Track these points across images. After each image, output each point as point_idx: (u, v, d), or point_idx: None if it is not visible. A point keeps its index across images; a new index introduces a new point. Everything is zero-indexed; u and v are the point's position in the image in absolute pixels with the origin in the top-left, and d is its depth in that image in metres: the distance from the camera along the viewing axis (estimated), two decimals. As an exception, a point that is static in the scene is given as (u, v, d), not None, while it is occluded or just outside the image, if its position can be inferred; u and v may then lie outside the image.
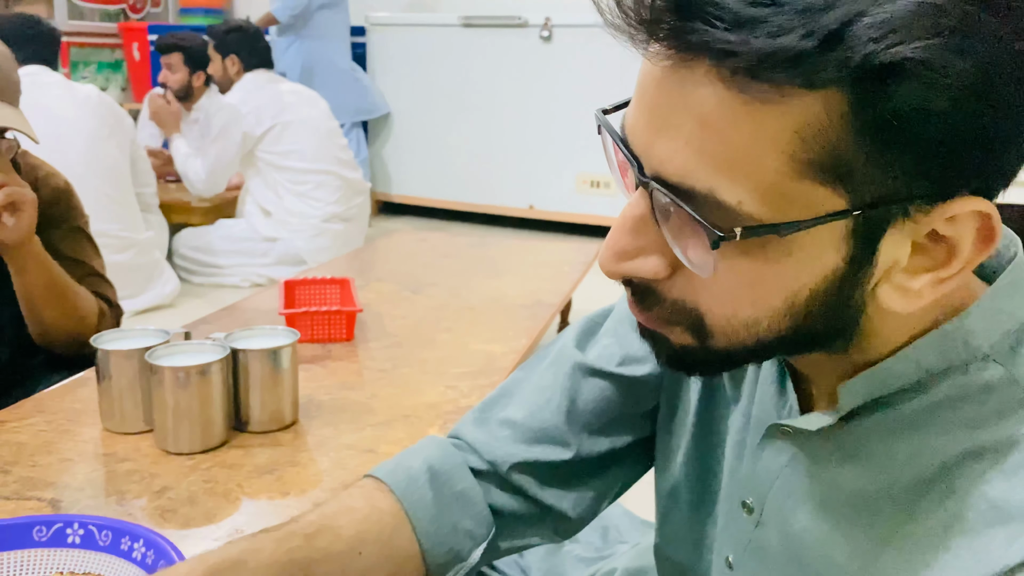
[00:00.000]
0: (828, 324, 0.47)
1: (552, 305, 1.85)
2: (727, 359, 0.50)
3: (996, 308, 0.47)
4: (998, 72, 0.38)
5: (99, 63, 5.27)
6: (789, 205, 0.41)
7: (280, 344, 1.07)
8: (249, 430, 1.07)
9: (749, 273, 0.44)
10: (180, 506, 0.90)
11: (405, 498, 0.67)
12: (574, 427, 0.71)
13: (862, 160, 0.40)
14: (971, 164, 0.41)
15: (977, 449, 0.45)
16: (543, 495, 0.71)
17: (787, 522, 0.55)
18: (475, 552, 0.69)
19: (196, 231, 3.37)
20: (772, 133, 0.40)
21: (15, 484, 0.93)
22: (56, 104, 2.67)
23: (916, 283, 0.44)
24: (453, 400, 1.22)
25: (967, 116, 0.39)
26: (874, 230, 0.42)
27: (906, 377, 0.48)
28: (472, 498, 0.69)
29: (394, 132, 4.80)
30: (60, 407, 1.15)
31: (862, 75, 0.38)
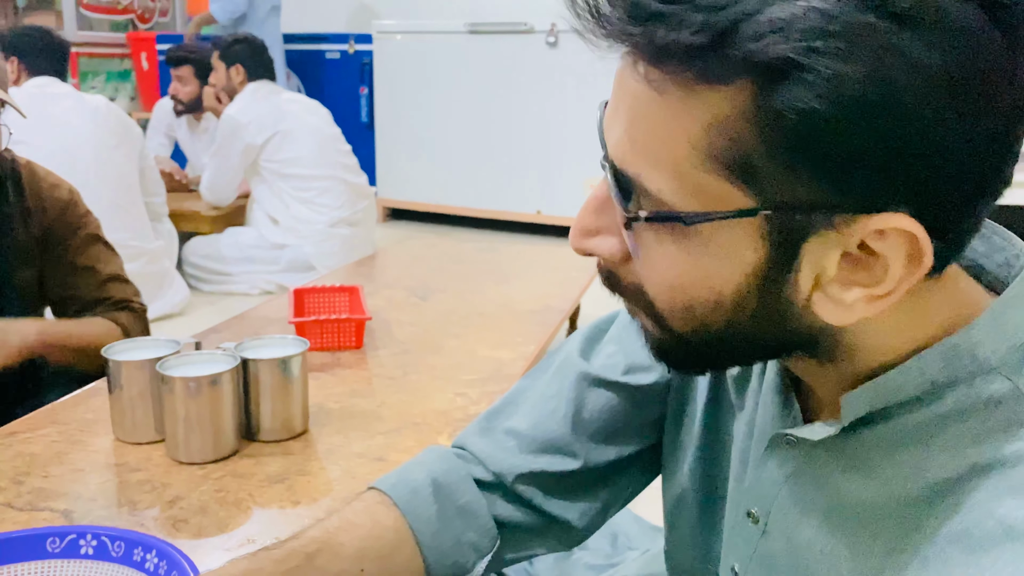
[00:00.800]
0: (773, 326, 0.47)
1: (561, 311, 1.85)
2: (699, 354, 0.50)
3: (1003, 321, 0.47)
4: (899, 85, 0.38)
5: (108, 73, 5.30)
6: (700, 197, 0.43)
7: (290, 353, 1.08)
8: (260, 439, 1.07)
9: (673, 261, 0.46)
10: (192, 516, 0.90)
11: (408, 512, 0.67)
12: (580, 437, 0.71)
13: (765, 160, 0.41)
14: (890, 180, 0.40)
15: (983, 464, 0.45)
16: (549, 506, 0.71)
17: (792, 532, 0.55)
18: (479, 565, 0.69)
19: (205, 239, 3.39)
20: (685, 126, 0.42)
21: (28, 495, 0.94)
22: (66, 115, 2.69)
23: (848, 296, 0.44)
24: (462, 407, 1.22)
25: (861, 126, 0.38)
26: (792, 234, 0.43)
27: (911, 390, 0.48)
28: (476, 511, 0.69)
29: (402, 139, 4.82)
30: (72, 417, 1.16)
31: (754, 73, 0.39)
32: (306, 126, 3.29)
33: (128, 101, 5.41)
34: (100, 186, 2.65)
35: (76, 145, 2.65)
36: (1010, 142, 0.41)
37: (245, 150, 3.22)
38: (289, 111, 3.28)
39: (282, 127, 3.22)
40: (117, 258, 1.51)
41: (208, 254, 3.34)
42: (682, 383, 0.70)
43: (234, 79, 3.36)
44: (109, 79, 5.31)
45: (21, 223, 1.35)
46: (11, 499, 0.93)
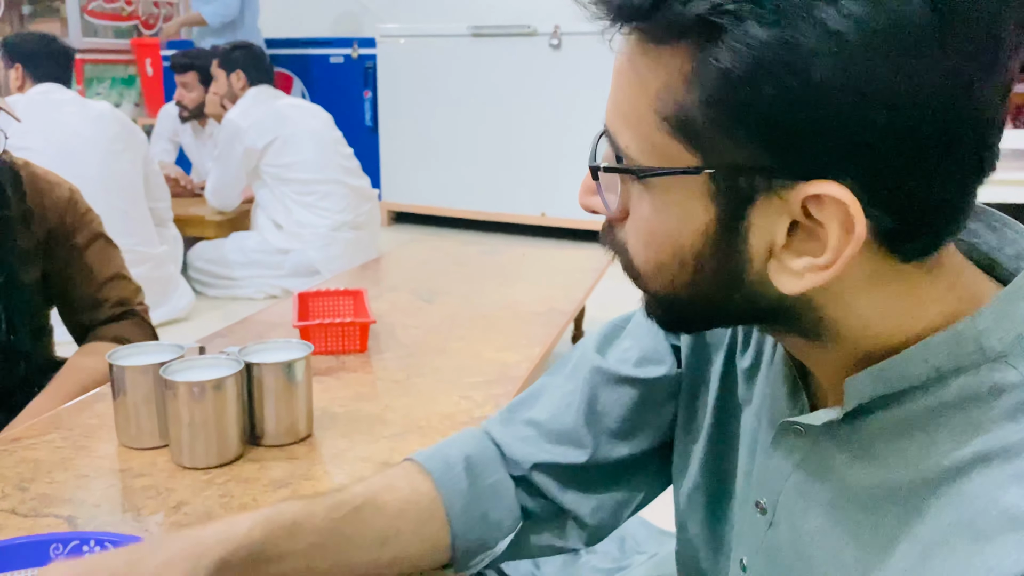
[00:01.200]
0: (734, 290, 0.48)
1: (566, 313, 1.85)
2: (676, 314, 0.53)
3: (1010, 310, 0.47)
4: (811, 50, 0.39)
5: (113, 79, 5.33)
6: (655, 155, 0.46)
7: (294, 357, 1.07)
8: (264, 443, 1.07)
9: (646, 218, 0.49)
10: (196, 521, 0.90)
11: (442, 484, 0.71)
12: (593, 430, 0.73)
13: (704, 122, 0.43)
14: (816, 146, 0.41)
15: (986, 453, 0.44)
16: (563, 498, 0.73)
17: (798, 522, 0.55)
18: (501, 544, 0.72)
19: (210, 244, 3.39)
20: (648, 88, 0.45)
21: (32, 501, 0.94)
22: (70, 120, 2.70)
23: (796, 264, 0.45)
24: (467, 410, 1.21)
25: (776, 89, 0.40)
26: (737, 196, 0.44)
27: (916, 377, 0.48)
28: (503, 491, 0.72)
29: (406, 142, 4.82)
30: (77, 423, 1.16)
31: (687, 35, 0.42)
32: (307, 130, 3.29)
33: (133, 107, 5.43)
34: (104, 192, 2.66)
35: (80, 151, 2.65)
36: (956, 116, 0.41)
37: (246, 154, 3.23)
38: (290, 116, 3.29)
39: (283, 132, 3.23)
40: (119, 255, 1.51)
41: (213, 259, 3.35)
42: (693, 378, 0.71)
43: (235, 85, 3.37)
44: (114, 85, 5.33)
45: (23, 225, 1.35)
46: (15, 505, 0.93)
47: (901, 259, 0.46)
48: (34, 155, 2.46)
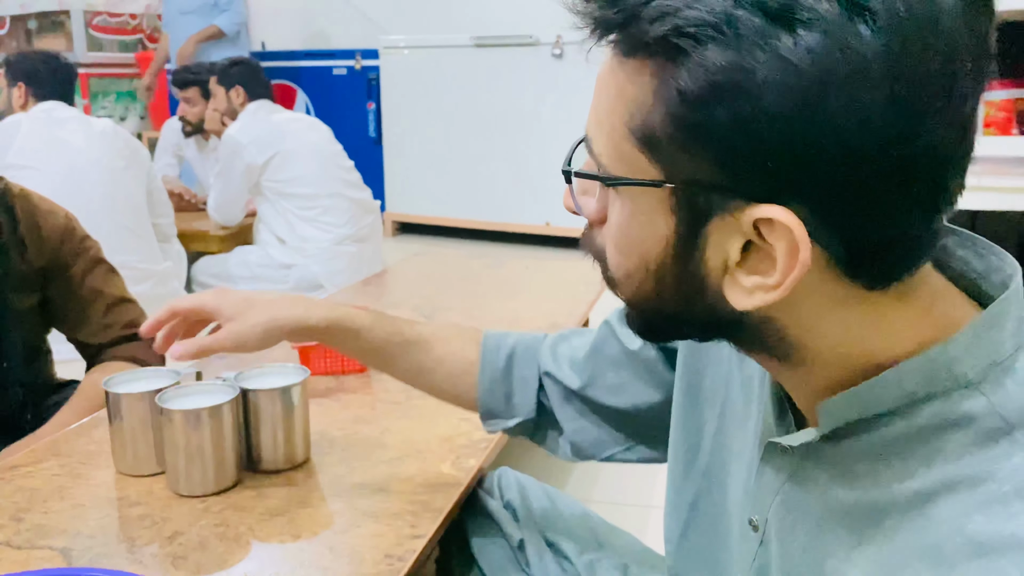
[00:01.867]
0: (696, 303, 0.49)
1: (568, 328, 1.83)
2: (646, 321, 0.55)
3: (983, 337, 0.47)
4: (763, 78, 0.40)
5: (117, 93, 5.34)
6: (623, 165, 0.47)
7: (290, 383, 1.07)
8: (262, 469, 1.06)
9: (617, 225, 0.50)
10: (191, 552, 0.89)
11: (483, 357, 0.90)
12: (590, 370, 0.86)
13: (667, 137, 0.44)
14: (766, 170, 0.42)
15: (953, 480, 0.45)
16: (557, 409, 0.88)
17: (786, 539, 0.56)
18: (511, 421, 0.90)
19: (214, 259, 3.39)
20: (622, 96, 0.46)
21: (27, 532, 0.93)
22: (73, 138, 2.70)
23: (747, 282, 0.46)
24: (467, 432, 1.20)
25: (733, 114, 0.41)
26: (696, 211, 0.45)
27: (890, 401, 0.48)
28: (528, 384, 0.89)
29: (409, 153, 4.82)
30: (75, 449, 1.15)
31: (653, 52, 0.43)
32: (307, 145, 3.29)
33: (138, 120, 5.44)
34: (108, 209, 2.66)
35: (83, 168, 2.66)
36: (907, 151, 0.41)
37: (247, 170, 3.22)
38: (289, 130, 3.28)
39: (283, 147, 3.22)
40: (120, 279, 1.51)
41: (217, 273, 3.35)
42: (691, 393, 0.73)
43: (234, 101, 3.37)
44: (119, 99, 5.35)
45: (17, 253, 1.34)
46: (9, 537, 0.92)
47: (863, 285, 0.46)
48: (37, 174, 2.48)
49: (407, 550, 0.89)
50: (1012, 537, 0.42)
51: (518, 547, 1.03)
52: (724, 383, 0.69)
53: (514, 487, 1.08)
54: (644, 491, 1.81)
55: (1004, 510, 0.43)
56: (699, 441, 0.72)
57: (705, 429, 0.71)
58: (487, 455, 1.15)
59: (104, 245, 1.51)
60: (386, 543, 0.90)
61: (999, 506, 0.43)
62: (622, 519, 1.53)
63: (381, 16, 5.16)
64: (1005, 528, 0.42)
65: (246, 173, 3.23)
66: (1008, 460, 0.44)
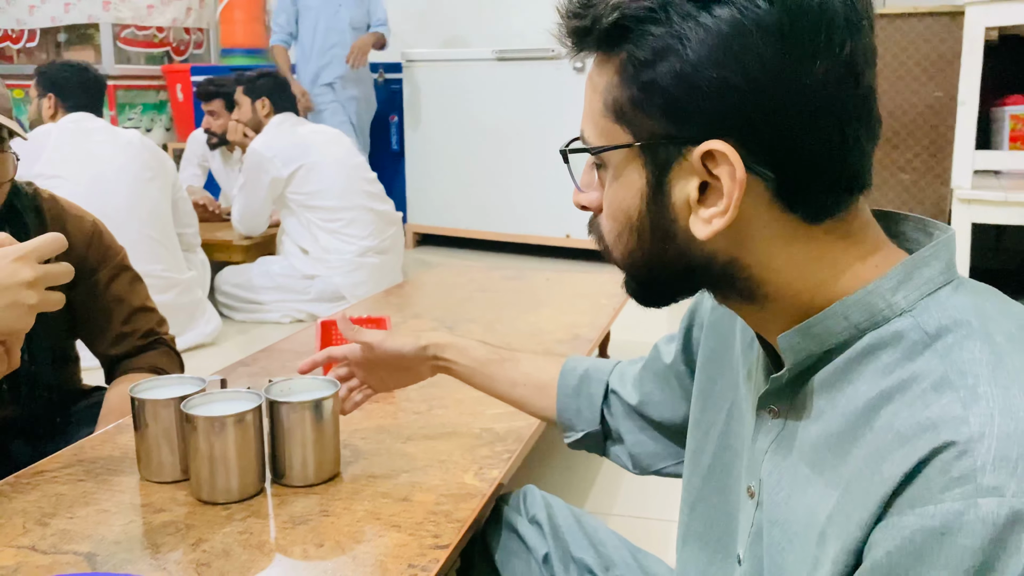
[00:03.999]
0: (671, 246, 0.59)
1: (590, 340, 1.83)
2: (641, 281, 0.65)
3: (914, 274, 0.56)
4: (691, 42, 0.53)
5: (144, 104, 5.41)
6: (603, 137, 0.60)
7: (322, 395, 1.06)
8: (290, 484, 1.05)
9: (607, 194, 0.62)
10: (214, 559, 0.89)
11: (561, 377, 1.03)
12: (642, 388, 0.95)
13: (628, 100, 0.57)
14: (702, 114, 0.55)
15: (889, 390, 0.53)
16: (618, 423, 0.98)
17: (774, 495, 0.62)
18: (580, 433, 1.01)
19: (237, 269, 3.41)
20: (597, 87, 0.60)
21: (53, 537, 0.94)
22: (101, 149, 2.73)
23: (706, 214, 0.57)
24: (489, 444, 1.20)
25: (670, 70, 0.54)
26: (660, 163, 0.58)
27: (839, 334, 0.57)
28: (594, 400, 1.00)
29: (431, 165, 4.84)
30: (100, 455, 1.16)
31: (615, 41, 0.57)
32: (330, 157, 3.31)
33: (164, 132, 5.51)
34: (134, 219, 2.69)
35: (110, 178, 2.69)
36: (798, 87, 0.53)
37: (272, 183, 3.25)
38: (313, 143, 3.30)
39: (307, 160, 3.24)
40: (143, 287, 1.52)
41: (240, 283, 3.37)
42: (700, 395, 0.79)
43: (260, 112, 3.40)
44: (145, 110, 5.42)
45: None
46: (35, 541, 0.93)
47: (804, 219, 0.57)
48: (65, 183, 2.51)
49: (430, 560, 0.88)
50: (926, 421, 0.50)
51: (543, 561, 1.02)
52: (733, 387, 0.74)
53: (540, 504, 1.08)
54: (664, 506, 1.79)
55: (922, 402, 0.51)
56: (704, 443, 0.77)
57: (711, 432, 0.76)
58: (509, 466, 1.14)
59: (129, 254, 1.52)
60: (409, 552, 0.90)
61: (919, 401, 0.51)
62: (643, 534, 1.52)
63: (404, 30, 5.19)
64: (921, 415, 0.50)
65: (271, 186, 3.25)
66: (927, 364, 0.52)
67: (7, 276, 0.82)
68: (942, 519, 0.47)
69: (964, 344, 0.52)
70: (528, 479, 1.23)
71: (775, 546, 0.61)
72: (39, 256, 0.85)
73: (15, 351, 0.99)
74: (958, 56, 2.58)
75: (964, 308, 0.55)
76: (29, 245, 0.85)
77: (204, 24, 5.79)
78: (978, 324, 0.53)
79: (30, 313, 0.84)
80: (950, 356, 0.52)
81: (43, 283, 0.85)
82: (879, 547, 0.49)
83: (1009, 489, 0.46)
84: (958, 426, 0.48)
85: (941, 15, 3.12)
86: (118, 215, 2.43)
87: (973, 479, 0.47)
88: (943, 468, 0.48)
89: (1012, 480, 0.46)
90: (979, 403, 0.49)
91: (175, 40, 5.63)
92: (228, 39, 5.64)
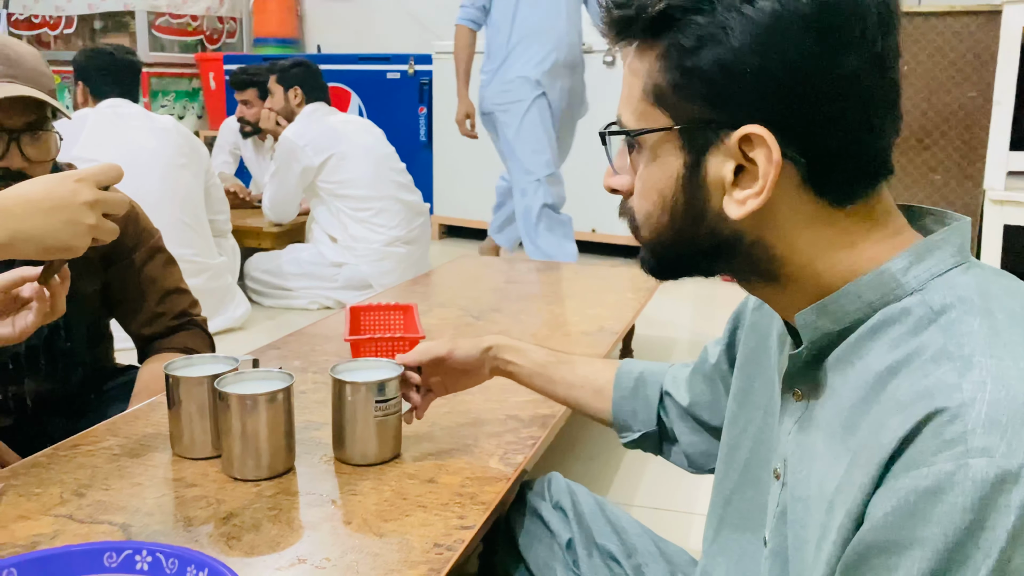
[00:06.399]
0: (701, 225, 0.62)
1: (615, 332, 1.84)
2: (663, 258, 0.67)
3: (924, 256, 0.59)
4: (734, 31, 0.56)
5: (177, 92, 5.47)
6: (642, 121, 0.63)
7: (387, 376, 1.07)
8: (353, 463, 1.07)
9: (640, 175, 0.65)
10: (244, 533, 0.91)
11: (617, 379, 1.04)
12: (693, 389, 0.97)
13: (670, 85, 0.60)
14: (742, 99, 0.57)
15: (895, 364, 0.56)
16: (673, 423, 1.00)
17: (797, 474, 0.63)
18: (637, 434, 1.02)
19: (267, 255, 3.45)
20: (638, 73, 0.62)
21: (89, 508, 0.96)
22: (136, 134, 2.77)
23: (740, 195, 0.60)
24: (514, 430, 1.21)
25: (713, 57, 0.57)
26: (698, 146, 0.60)
27: (853, 312, 0.60)
28: (650, 401, 1.02)
29: (458, 158, 4.85)
30: (133, 431, 1.19)
31: (659, 29, 0.59)
32: (362, 147, 3.33)
33: (196, 119, 5.57)
34: (167, 204, 2.73)
35: (145, 163, 2.73)
36: (831, 77, 0.56)
37: (303, 172, 3.28)
38: (344, 133, 3.33)
39: (338, 149, 3.26)
40: (177, 269, 1.55)
41: (269, 270, 3.41)
42: (738, 394, 0.80)
43: (292, 102, 3.43)
44: (178, 98, 5.48)
45: None
46: (73, 511, 0.95)
47: (830, 203, 0.60)
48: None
49: (456, 540, 0.90)
50: (923, 389, 0.52)
51: (566, 546, 1.03)
52: (770, 385, 0.74)
53: (564, 491, 1.10)
54: (687, 499, 1.80)
55: (921, 372, 0.53)
56: (741, 439, 0.78)
57: (749, 428, 0.77)
58: (534, 452, 1.15)
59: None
60: (435, 532, 0.91)
61: (919, 371, 0.54)
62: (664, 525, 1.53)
63: (435, 22, 5.21)
64: (920, 385, 0.53)
65: (302, 175, 3.29)
66: (930, 337, 0.55)
67: (69, 194, 0.86)
68: (935, 479, 0.49)
69: (964, 319, 0.55)
70: (551, 467, 1.24)
71: (798, 522, 0.62)
72: (98, 181, 0.90)
73: (60, 298, 1.03)
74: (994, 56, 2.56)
75: (969, 287, 0.57)
76: (90, 169, 0.90)
77: (237, 13, 5.85)
78: (980, 302, 0.56)
79: (87, 233, 0.88)
80: (951, 330, 0.55)
81: (101, 207, 0.89)
82: (877, 509, 0.51)
83: (998, 450, 0.48)
84: (951, 393, 0.51)
85: (977, 14, 3.09)
86: (152, 199, 2.46)
87: (964, 441, 0.49)
88: (936, 432, 0.50)
89: (1002, 442, 0.48)
90: (972, 371, 0.52)
91: (208, 29, 5.68)
92: (261, 28, 5.69)
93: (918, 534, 0.49)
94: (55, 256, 0.88)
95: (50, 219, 0.86)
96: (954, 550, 0.48)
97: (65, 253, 0.88)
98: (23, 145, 1.22)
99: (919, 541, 0.49)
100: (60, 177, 0.88)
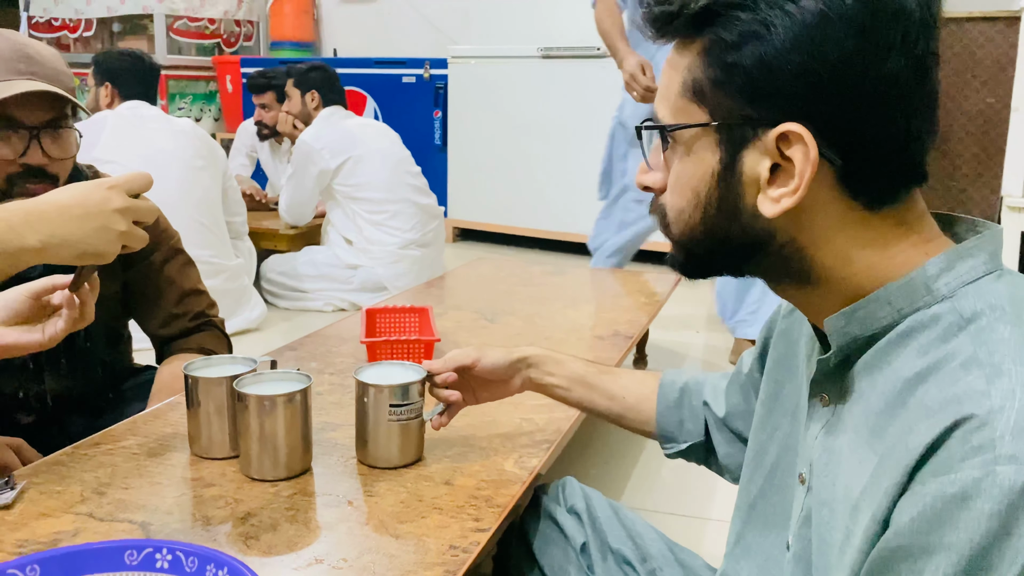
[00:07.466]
0: (734, 222, 0.62)
1: (629, 337, 1.84)
2: (694, 254, 0.67)
3: (955, 263, 0.59)
4: (777, 29, 0.56)
5: (194, 95, 5.51)
6: (679, 116, 0.63)
7: (410, 379, 1.08)
8: (378, 466, 1.08)
9: (674, 172, 0.65)
10: (262, 533, 0.92)
11: (661, 389, 1.03)
12: (729, 400, 0.96)
13: (710, 81, 0.60)
14: (782, 98, 0.57)
15: (924, 371, 0.56)
16: (714, 437, 0.98)
17: (823, 479, 0.63)
18: (683, 445, 1.01)
19: (283, 257, 3.47)
20: (678, 69, 0.62)
21: (109, 506, 0.97)
22: (155, 136, 2.80)
23: (775, 193, 0.60)
24: (528, 432, 1.22)
25: (755, 54, 0.57)
26: (735, 142, 0.60)
27: (882, 318, 0.60)
28: (696, 412, 1.00)
29: (473, 161, 4.87)
30: (152, 431, 1.20)
31: (700, 25, 0.60)
32: (378, 151, 3.35)
33: (212, 122, 5.61)
34: (185, 205, 2.75)
35: (163, 165, 2.75)
36: (873, 79, 0.56)
37: (319, 175, 3.30)
38: (361, 136, 3.35)
39: (354, 152, 3.29)
40: (195, 270, 1.56)
41: (285, 271, 3.43)
42: (766, 399, 0.80)
43: (309, 105, 3.45)
44: (195, 101, 5.52)
45: None
46: (93, 509, 0.96)
47: (864, 205, 0.60)
48: (120, 168, 2.55)
49: (471, 542, 0.90)
50: (952, 396, 0.52)
51: (581, 549, 1.04)
52: (798, 392, 0.74)
53: (579, 496, 1.10)
54: (701, 504, 1.80)
55: (950, 379, 0.53)
56: (768, 444, 0.78)
57: (776, 433, 0.77)
58: (548, 456, 1.16)
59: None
60: (450, 534, 0.92)
61: (948, 378, 0.54)
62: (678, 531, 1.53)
63: (450, 27, 5.24)
64: (948, 392, 0.53)
65: (319, 177, 3.31)
66: (960, 344, 0.55)
67: (100, 201, 0.88)
68: (961, 485, 0.49)
69: (995, 327, 0.55)
70: (566, 472, 1.24)
71: (823, 525, 0.62)
72: (129, 189, 0.92)
73: (89, 305, 1.04)
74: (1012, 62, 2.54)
75: (1000, 294, 0.57)
76: (121, 177, 0.92)
77: (254, 17, 5.89)
78: (1011, 309, 0.56)
79: (119, 239, 0.90)
80: (980, 337, 0.54)
81: (131, 214, 0.91)
82: (903, 514, 0.51)
83: None
84: (980, 400, 0.51)
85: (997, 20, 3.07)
86: (170, 200, 2.46)
87: (992, 448, 0.49)
88: (964, 438, 0.50)
89: None
90: (1002, 379, 0.51)
91: (226, 32, 5.73)
92: (277, 32, 5.73)
93: (944, 540, 0.49)
94: (86, 262, 0.89)
95: (83, 225, 0.87)
96: (979, 557, 0.48)
97: (96, 259, 0.90)
98: (44, 141, 1.23)
99: (944, 547, 0.49)
100: (92, 185, 0.89)
